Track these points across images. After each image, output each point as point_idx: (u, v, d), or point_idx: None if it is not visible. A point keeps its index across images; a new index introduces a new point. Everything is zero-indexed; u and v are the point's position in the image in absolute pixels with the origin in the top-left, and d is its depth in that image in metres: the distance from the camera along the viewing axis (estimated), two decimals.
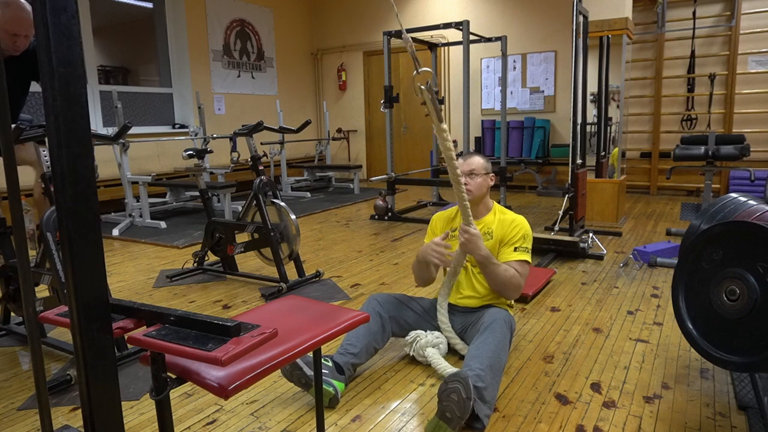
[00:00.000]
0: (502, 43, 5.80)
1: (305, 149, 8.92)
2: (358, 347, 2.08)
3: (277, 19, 8.36)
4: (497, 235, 2.27)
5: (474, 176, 2.27)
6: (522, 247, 2.24)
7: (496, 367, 1.90)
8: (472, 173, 2.27)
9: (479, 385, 1.77)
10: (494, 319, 2.07)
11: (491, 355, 1.91)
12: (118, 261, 4.10)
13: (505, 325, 2.07)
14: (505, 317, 2.11)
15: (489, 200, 2.37)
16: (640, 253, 3.69)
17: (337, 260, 3.97)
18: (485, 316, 2.12)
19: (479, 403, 1.74)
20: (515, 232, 2.25)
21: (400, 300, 2.31)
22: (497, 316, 2.10)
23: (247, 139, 3.52)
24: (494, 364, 1.89)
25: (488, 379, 1.81)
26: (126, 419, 1.85)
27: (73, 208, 0.95)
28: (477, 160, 2.30)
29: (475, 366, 1.84)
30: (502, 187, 5.90)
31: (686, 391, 2.00)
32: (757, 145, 5.88)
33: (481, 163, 2.30)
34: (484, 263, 2.14)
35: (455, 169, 1.88)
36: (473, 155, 2.34)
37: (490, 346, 1.94)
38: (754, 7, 6.04)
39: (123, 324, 1.08)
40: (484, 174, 2.29)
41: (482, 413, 1.75)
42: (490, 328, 2.02)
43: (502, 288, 2.18)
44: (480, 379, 1.79)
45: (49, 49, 0.90)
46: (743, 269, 1.49)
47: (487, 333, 2.00)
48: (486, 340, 1.97)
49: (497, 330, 2.02)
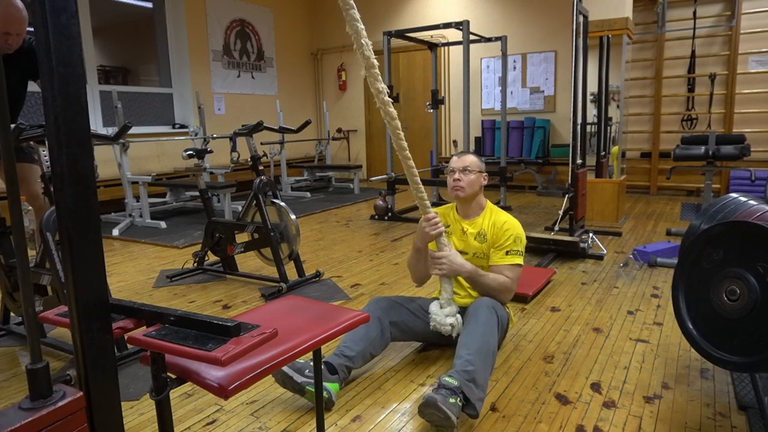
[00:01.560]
0: (502, 43, 5.80)
1: (305, 149, 8.92)
2: (354, 351, 2.06)
3: (277, 19, 8.36)
4: (489, 237, 2.28)
5: (468, 173, 2.27)
6: (513, 251, 2.24)
7: (484, 349, 1.90)
8: (466, 170, 2.28)
9: (469, 369, 1.79)
10: (478, 305, 2.08)
11: (478, 339, 1.92)
12: (118, 261, 4.10)
13: (488, 309, 2.06)
14: (488, 303, 2.10)
15: (482, 199, 2.37)
16: (640, 253, 3.69)
17: (337, 260, 3.97)
18: (470, 307, 2.13)
19: (471, 387, 1.75)
20: (507, 236, 2.25)
21: (401, 303, 2.28)
22: (480, 302, 2.10)
23: (247, 139, 3.52)
24: (482, 347, 1.90)
25: (477, 362, 1.82)
26: (126, 419, 1.85)
27: (73, 208, 0.95)
28: (471, 158, 2.32)
29: (464, 353, 1.87)
30: (502, 187, 5.90)
31: (686, 391, 2.00)
32: (757, 145, 5.88)
33: (474, 161, 2.31)
34: (473, 278, 2.18)
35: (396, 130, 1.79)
36: (467, 153, 2.36)
37: (476, 332, 1.96)
38: (754, 7, 6.04)
39: (123, 324, 1.08)
40: (478, 172, 2.30)
41: (474, 397, 1.74)
42: (474, 315, 2.04)
43: (494, 295, 2.21)
44: (469, 363, 1.81)
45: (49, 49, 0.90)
46: (743, 269, 1.49)
47: (472, 320, 2.02)
48: (471, 328, 1.99)
49: (481, 315, 2.02)
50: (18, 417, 0.85)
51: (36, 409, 0.87)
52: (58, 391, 0.92)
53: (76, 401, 0.91)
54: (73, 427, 0.92)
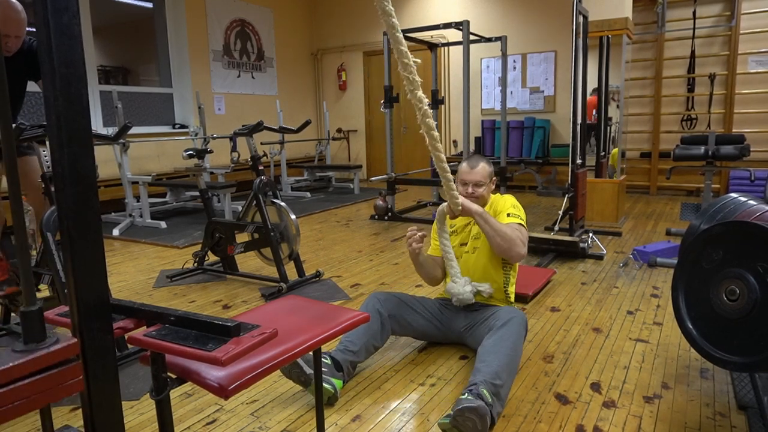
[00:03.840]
0: (502, 43, 5.80)
1: (305, 149, 8.92)
2: (357, 345, 2.08)
3: (277, 19, 8.36)
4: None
5: (481, 186, 2.28)
6: (514, 213, 2.26)
7: (512, 366, 1.91)
8: (479, 183, 2.28)
9: (497, 383, 1.79)
10: (512, 317, 2.07)
11: (509, 353, 1.92)
12: (118, 261, 4.10)
13: (522, 325, 2.08)
14: (521, 318, 2.11)
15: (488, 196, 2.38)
16: (640, 253, 3.69)
17: (337, 260, 3.97)
18: (501, 313, 2.13)
19: (495, 403, 1.75)
20: (503, 202, 2.30)
21: (402, 299, 2.31)
22: (514, 314, 2.10)
23: (247, 139, 3.52)
24: (511, 362, 1.91)
25: (505, 377, 1.83)
26: (126, 419, 1.85)
27: (73, 208, 0.95)
28: (482, 170, 2.29)
29: (494, 362, 1.85)
30: (502, 187, 5.90)
31: (686, 391, 2.00)
32: (757, 145, 5.87)
33: (486, 172, 2.30)
34: (484, 217, 2.12)
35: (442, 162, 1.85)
36: (478, 162, 2.32)
37: (507, 344, 1.94)
38: (754, 7, 6.04)
39: (123, 324, 1.08)
40: (489, 182, 2.32)
41: (495, 411, 1.76)
42: (508, 326, 2.02)
43: (506, 241, 2.11)
44: (498, 376, 1.81)
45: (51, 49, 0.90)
46: (743, 269, 1.49)
47: (504, 330, 2.00)
48: (503, 337, 1.97)
49: (514, 328, 2.02)
50: (10, 358, 0.83)
51: (29, 352, 0.85)
52: (51, 336, 0.90)
53: (70, 347, 0.89)
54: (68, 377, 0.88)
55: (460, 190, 2.28)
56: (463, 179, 2.30)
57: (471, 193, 2.27)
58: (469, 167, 2.31)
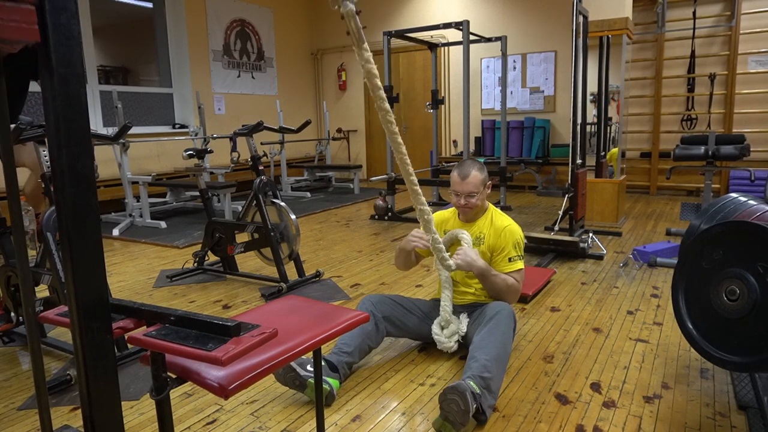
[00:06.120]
0: (502, 43, 5.80)
1: (305, 149, 8.92)
2: (351, 346, 2.09)
3: (277, 19, 8.36)
4: (489, 242, 2.27)
5: (474, 195, 2.22)
6: (516, 257, 2.25)
7: (501, 358, 1.92)
8: (471, 194, 2.21)
9: (486, 375, 1.79)
10: (498, 311, 2.08)
11: (498, 346, 1.92)
12: (118, 261, 4.10)
13: (509, 317, 2.08)
14: (508, 310, 2.11)
15: (485, 203, 2.35)
16: (640, 253, 3.69)
17: (337, 260, 3.97)
18: (488, 309, 2.13)
19: (485, 394, 1.76)
20: (507, 242, 2.24)
21: (395, 300, 2.31)
22: (501, 308, 2.10)
23: (247, 139, 3.52)
24: (500, 355, 1.91)
25: (494, 370, 1.84)
26: (126, 419, 1.85)
27: (73, 208, 0.95)
28: (474, 179, 2.19)
29: (482, 357, 1.86)
30: (502, 187, 5.90)
31: (686, 391, 2.00)
32: (757, 145, 5.88)
33: (477, 181, 2.20)
34: (484, 275, 2.18)
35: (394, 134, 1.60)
36: (469, 170, 2.20)
37: (496, 337, 1.95)
38: (754, 7, 6.04)
39: (123, 324, 1.08)
40: (483, 189, 2.24)
41: (486, 404, 1.76)
42: (495, 320, 2.03)
43: (503, 296, 2.22)
44: (486, 369, 1.81)
45: (49, 49, 0.90)
46: (743, 269, 1.49)
47: (492, 324, 2.01)
48: (491, 331, 1.98)
49: (502, 322, 2.02)
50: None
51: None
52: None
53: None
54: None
55: (453, 201, 2.27)
56: (455, 190, 2.24)
57: (464, 204, 2.23)
58: (460, 177, 2.21)
